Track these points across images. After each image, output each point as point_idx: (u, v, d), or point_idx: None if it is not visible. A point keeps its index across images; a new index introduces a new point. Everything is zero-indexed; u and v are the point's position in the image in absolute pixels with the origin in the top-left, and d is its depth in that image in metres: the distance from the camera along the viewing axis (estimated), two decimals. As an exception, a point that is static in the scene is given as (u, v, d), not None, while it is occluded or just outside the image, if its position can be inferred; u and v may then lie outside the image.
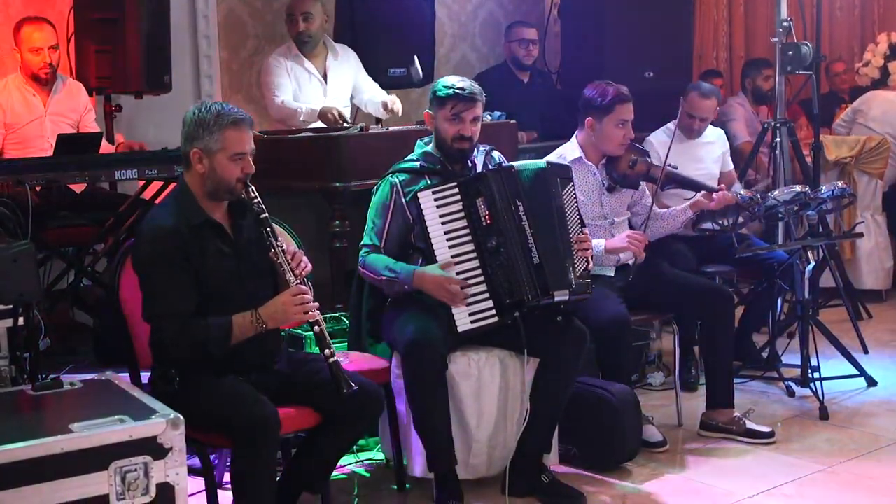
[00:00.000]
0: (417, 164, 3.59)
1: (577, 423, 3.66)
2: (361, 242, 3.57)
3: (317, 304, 2.98)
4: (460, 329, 3.37)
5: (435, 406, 3.32)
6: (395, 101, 5.04)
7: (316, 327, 2.96)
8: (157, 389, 2.97)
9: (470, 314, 3.39)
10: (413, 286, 3.40)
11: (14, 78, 4.78)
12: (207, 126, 2.93)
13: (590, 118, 4.02)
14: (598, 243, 3.87)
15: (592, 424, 3.69)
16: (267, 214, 2.98)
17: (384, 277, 3.45)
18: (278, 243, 2.97)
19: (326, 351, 2.93)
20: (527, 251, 3.41)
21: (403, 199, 3.51)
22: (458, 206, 3.42)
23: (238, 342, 2.94)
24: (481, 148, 3.69)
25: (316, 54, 5.20)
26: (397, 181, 3.55)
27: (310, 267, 3.04)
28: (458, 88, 3.52)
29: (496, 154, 3.73)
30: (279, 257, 2.96)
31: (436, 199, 3.41)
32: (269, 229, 2.97)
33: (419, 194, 3.41)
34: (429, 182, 3.52)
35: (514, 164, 3.54)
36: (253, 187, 3.00)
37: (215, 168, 2.95)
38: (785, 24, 5.14)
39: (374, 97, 5.21)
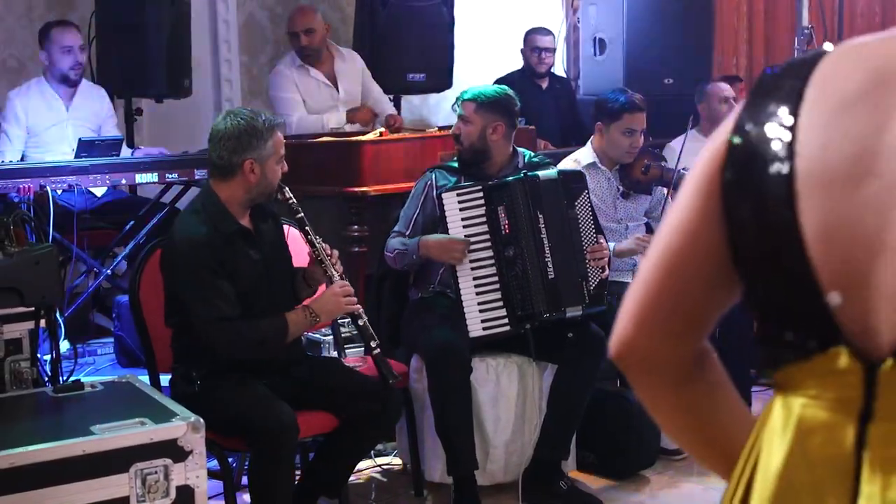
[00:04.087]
0: (457, 163, 3.61)
1: (595, 429, 3.65)
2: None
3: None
4: (472, 334, 3.38)
5: (459, 410, 3.33)
6: (397, 119, 5.11)
7: (360, 320, 3.04)
8: (177, 391, 2.99)
9: (482, 321, 3.39)
10: (420, 254, 3.44)
11: (36, 82, 4.80)
12: (261, 135, 2.93)
13: (599, 123, 4.03)
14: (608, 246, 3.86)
15: (610, 431, 3.68)
16: (303, 214, 3.03)
17: (397, 251, 3.50)
18: (318, 241, 3.02)
19: (372, 343, 3.01)
20: (543, 265, 3.41)
21: (434, 193, 3.53)
22: (482, 211, 3.42)
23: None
24: (528, 153, 3.68)
25: (322, 61, 5.21)
26: (433, 175, 3.58)
27: (341, 267, 3.10)
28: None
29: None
30: (320, 254, 3.01)
31: (459, 201, 3.42)
32: (307, 227, 3.01)
33: (443, 194, 3.43)
34: (464, 181, 3.53)
35: (539, 173, 3.52)
36: (287, 188, 3.03)
37: (266, 174, 2.96)
38: (806, 30, 5.13)
39: (379, 102, 5.26)
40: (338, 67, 5.23)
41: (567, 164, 4.03)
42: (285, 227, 3.25)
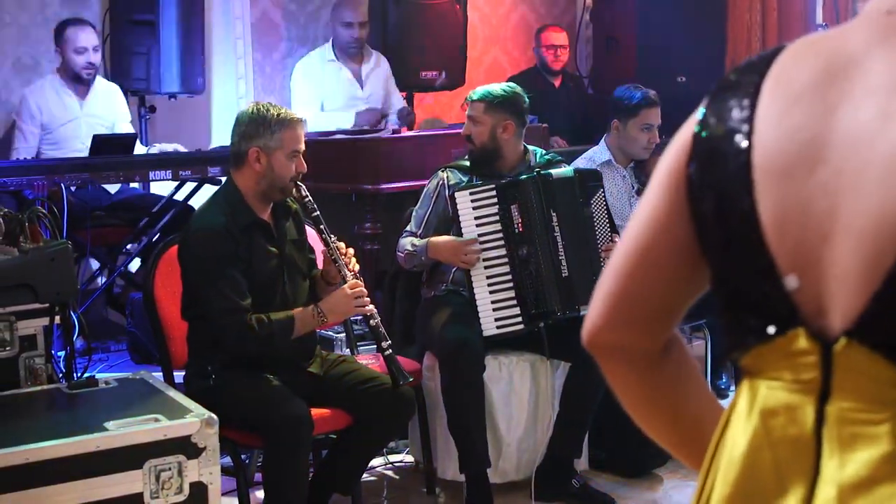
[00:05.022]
0: (469, 162, 3.60)
1: (607, 428, 3.64)
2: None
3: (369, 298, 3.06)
4: (485, 333, 3.38)
5: (472, 408, 3.33)
6: (410, 114, 5.12)
7: (372, 320, 3.04)
8: (192, 386, 3.00)
9: (496, 319, 3.39)
10: (429, 256, 3.44)
11: (51, 79, 4.82)
12: (268, 125, 2.96)
13: (616, 120, 4.02)
14: None
15: (623, 430, 3.64)
16: (319, 213, 3.03)
17: (407, 251, 3.50)
18: (333, 240, 3.02)
19: (383, 343, 3.01)
20: (557, 263, 3.41)
21: (447, 192, 3.53)
22: (494, 210, 3.42)
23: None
24: (539, 151, 3.67)
25: (353, 58, 5.23)
26: (445, 175, 3.57)
27: (357, 266, 3.10)
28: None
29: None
30: (333, 253, 3.02)
31: (472, 200, 3.42)
32: (322, 226, 3.02)
33: (456, 193, 3.43)
34: (475, 181, 3.53)
35: (553, 171, 3.51)
36: (304, 186, 3.03)
37: (273, 166, 2.97)
38: (820, 28, 5.12)
39: (396, 104, 5.27)
40: (366, 67, 5.24)
41: (580, 163, 4.02)
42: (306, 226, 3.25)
